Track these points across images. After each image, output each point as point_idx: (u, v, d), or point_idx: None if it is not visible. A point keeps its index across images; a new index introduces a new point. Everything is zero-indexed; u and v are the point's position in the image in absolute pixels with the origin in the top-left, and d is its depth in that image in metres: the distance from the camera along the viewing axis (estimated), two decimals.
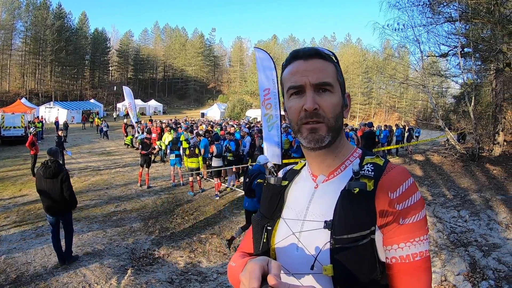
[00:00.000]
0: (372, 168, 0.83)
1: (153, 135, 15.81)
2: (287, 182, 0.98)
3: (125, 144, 18.48)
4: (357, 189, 0.78)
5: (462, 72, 9.42)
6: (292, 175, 1.01)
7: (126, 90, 18.85)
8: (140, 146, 9.75)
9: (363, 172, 0.82)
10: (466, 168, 8.78)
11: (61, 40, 55.84)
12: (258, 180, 5.00)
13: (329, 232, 0.78)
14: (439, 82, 12.59)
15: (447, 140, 11.46)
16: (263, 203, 0.98)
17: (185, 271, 4.80)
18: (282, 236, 0.87)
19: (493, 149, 9.20)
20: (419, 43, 10.10)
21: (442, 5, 9.64)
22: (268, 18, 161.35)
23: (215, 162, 9.43)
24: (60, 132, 12.25)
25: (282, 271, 0.76)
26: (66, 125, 24.63)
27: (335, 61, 0.88)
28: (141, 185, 9.70)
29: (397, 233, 0.76)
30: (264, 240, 0.90)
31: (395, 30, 10.45)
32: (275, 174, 1.03)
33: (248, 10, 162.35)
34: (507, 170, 7.90)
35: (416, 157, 11.92)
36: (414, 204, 0.77)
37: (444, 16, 9.86)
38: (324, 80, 0.82)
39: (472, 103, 9.13)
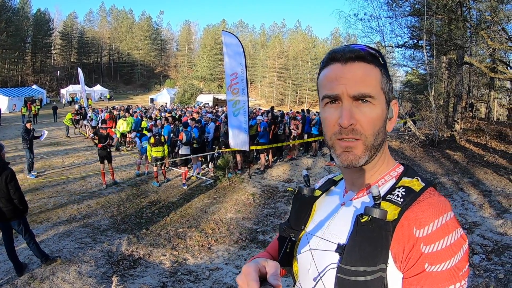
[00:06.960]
0: (404, 193, 0.69)
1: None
2: (320, 192, 0.91)
3: (65, 124, 16.96)
4: (366, 218, 0.67)
5: (426, 63, 9.89)
6: (328, 185, 0.93)
7: (81, 74, 17.29)
8: (95, 138, 8.35)
9: (390, 197, 0.70)
10: (427, 153, 9.32)
11: (1, 21, 49.61)
12: None
13: (339, 257, 0.69)
14: (393, 71, 13.16)
15: (405, 125, 12.09)
16: (292, 212, 0.91)
17: (174, 272, 4.43)
18: (301, 251, 0.82)
19: (450, 135, 9.85)
20: (382, 33, 10.41)
21: None
22: (217, 2, 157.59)
23: (183, 150, 9.02)
24: (28, 124, 9.54)
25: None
26: None
27: (382, 62, 0.74)
28: (107, 186, 8.32)
29: (421, 280, 0.62)
30: (288, 250, 0.85)
31: (360, 20, 10.64)
32: (308, 184, 0.93)
33: None
34: (466, 155, 8.52)
35: None
36: (447, 247, 0.62)
37: (407, 9, 10.23)
38: (364, 91, 0.70)
39: (433, 92, 9.65)
